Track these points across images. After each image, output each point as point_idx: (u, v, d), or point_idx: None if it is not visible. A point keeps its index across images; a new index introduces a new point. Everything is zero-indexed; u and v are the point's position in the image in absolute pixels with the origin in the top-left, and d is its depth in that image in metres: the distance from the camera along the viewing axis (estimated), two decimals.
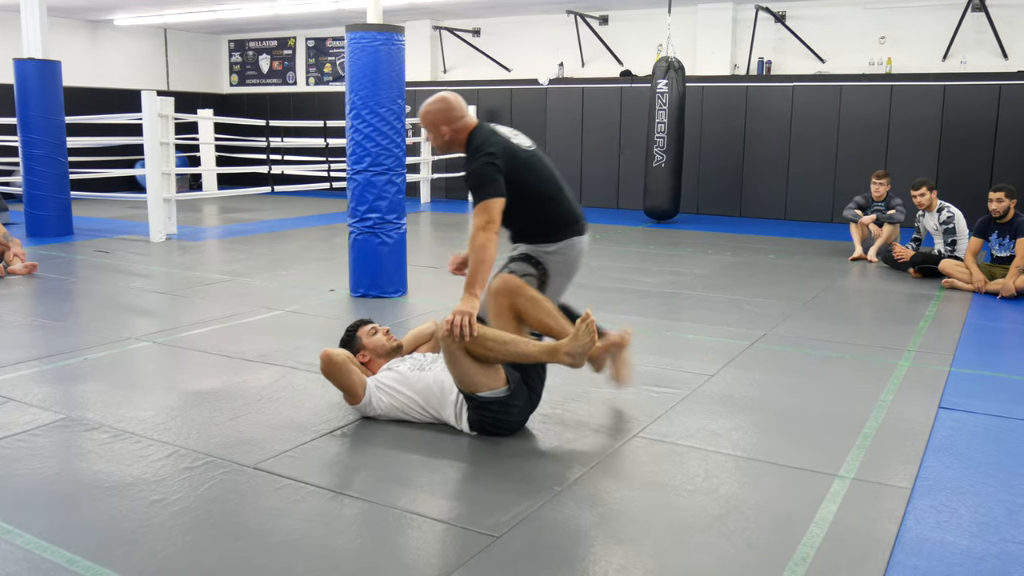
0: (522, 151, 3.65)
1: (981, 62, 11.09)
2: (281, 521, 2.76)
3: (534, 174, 3.64)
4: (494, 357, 3.41)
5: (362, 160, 6.18)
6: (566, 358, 3.40)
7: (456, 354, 3.38)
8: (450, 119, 3.67)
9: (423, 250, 8.94)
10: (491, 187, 3.49)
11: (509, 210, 3.56)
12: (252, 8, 13.42)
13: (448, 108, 3.68)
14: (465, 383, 3.44)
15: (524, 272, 3.65)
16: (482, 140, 3.60)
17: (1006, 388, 4.34)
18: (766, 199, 12.32)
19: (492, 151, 3.54)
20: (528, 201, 3.61)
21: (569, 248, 3.72)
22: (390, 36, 6.08)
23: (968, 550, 2.61)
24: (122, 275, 7.26)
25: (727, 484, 3.09)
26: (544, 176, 3.68)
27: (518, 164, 3.58)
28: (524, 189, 3.58)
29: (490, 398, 3.44)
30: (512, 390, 3.46)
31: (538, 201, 3.65)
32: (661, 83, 11.01)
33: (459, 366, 3.40)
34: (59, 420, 3.67)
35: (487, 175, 3.50)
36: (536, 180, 3.64)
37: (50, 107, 9.45)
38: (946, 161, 11.16)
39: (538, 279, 3.66)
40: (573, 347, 3.38)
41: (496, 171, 3.51)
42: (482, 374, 3.42)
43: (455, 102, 3.71)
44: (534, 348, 3.45)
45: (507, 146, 3.61)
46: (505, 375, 3.47)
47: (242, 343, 5.01)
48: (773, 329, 5.48)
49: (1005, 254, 6.94)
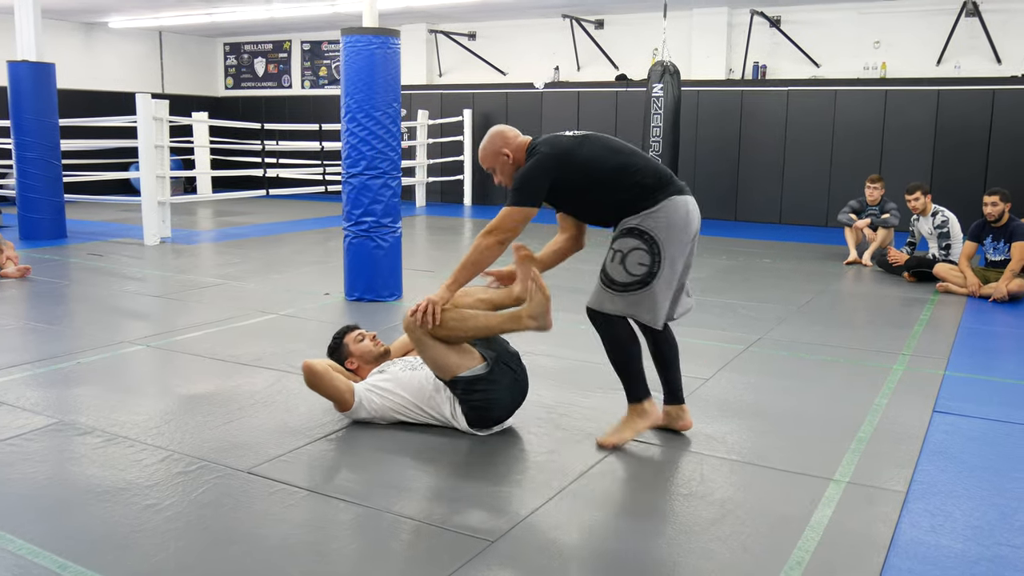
0: (577, 137, 3.40)
1: (975, 67, 11.13)
2: (275, 526, 2.75)
3: (601, 151, 3.36)
4: (458, 335, 3.43)
5: (357, 163, 6.18)
6: (530, 322, 3.40)
7: (423, 340, 3.41)
8: (507, 141, 3.47)
9: (418, 254, 8.93)
10: (520, 194, 3.29)
11: (587, 200, 3.39)
12: (247, 11, 13.40)
13: (501, 133, 3.50)
14: (441, 368, 3.46)
15: (631, 247, 3.26)
16: (537, 142, 3.43)
17: (1000, 392, 4.34)
18: (761, 203, 12.34)
19: (544, 150, 3.35)
20: (604, 180, 3.32)
21: (670, 208, 3.28)
22: (386, 40, 6.07)
23: (962, 554, 2.61)
24: (116, 278, 7.24)
25: (722, 488, 3.09)
26: (613, 149, 3.38)
27: (577, 152, 3.34)
28: (596, 170, 3.32)
29: (471, 377, 3.45)
30: (490, 366, 3.48)
31: (617, 175, 3.31)
32: (656, 87, 11.02)
33: (430, 352, 3.43)
34: (52, 424, 3.65)
35: (526, 179, 3.31)
36: (604, 155, 3.35)
37: (44, 109, 9.42)
38: (940, 165, 11.19)
39: (648, 251, 3.25)
40: (532, 309, 3.39)
41: (541, 175, 3.31)
42: (455, 355, 3.44)
43: (505, 128, 3.54)
44: (496, 319, 3.46)
45: (559, 142, 3.38)
46: (480, 353, 3.50)
47: (236, 347, 4.99)
48: (768, 333, 5.48)
49: (999, 258, 6.95)
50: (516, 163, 3.48)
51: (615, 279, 3.29)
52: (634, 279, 3.27)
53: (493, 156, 3.49)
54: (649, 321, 3.32)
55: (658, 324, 3.35)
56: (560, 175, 3.33)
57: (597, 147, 3.37)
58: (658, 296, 3.30)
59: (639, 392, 3.45)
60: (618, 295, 3.30)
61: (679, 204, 3.30)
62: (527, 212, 3.30)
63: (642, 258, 3.25)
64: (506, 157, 3.47)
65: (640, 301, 3.29)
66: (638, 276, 3.26)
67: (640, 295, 3.28)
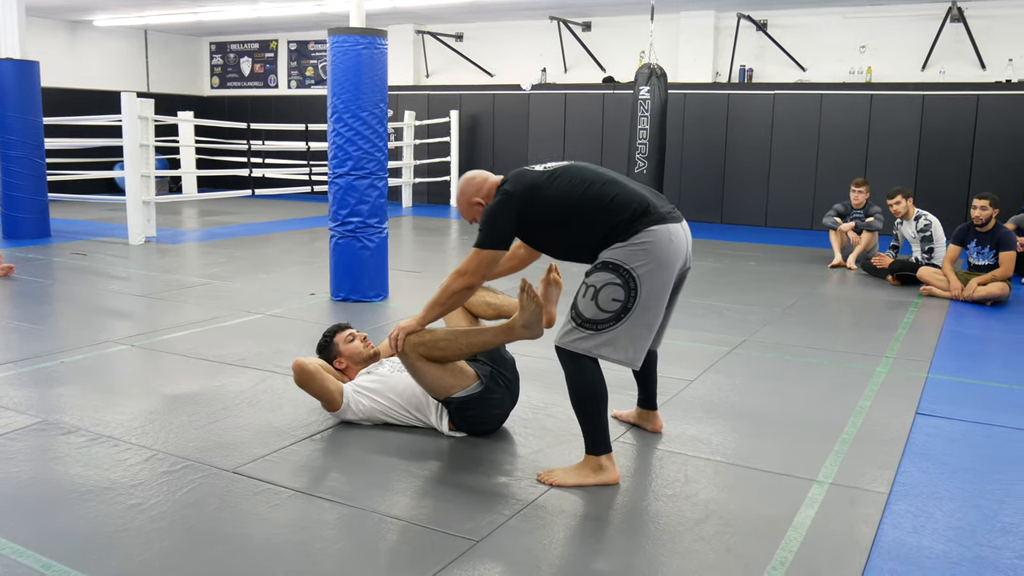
0: (547, 172, 3.19)
1: (959, 72, 11.22)
2: (260, 526, 2.74)
3: (569, 186, 3.13)
4: (452, 354, 3.40)
5: (344, 164, 6.17)
6: (524, 331, 3.35)
7: (416, 365, 3.38)
8: (478, 189, 3.32)
9: (404, 254, 8.92)
10: (486, 236, 3.13)
11: (561, 237, 3.21)
12: (234, 10, 13.35)
13: (470, 181, 3.35)
14: (437, 390, 3.45)
15: (604, 281, 3.03)
16: (504, 179, 3.25)
17: (982, 394, 4.38)
18: (747, 206, 12.39)
19: (508, 188, 3.16)
20: (577, 215, 3.11)
21: (649, 241, 3.04)
22: (372, 40, 6.07)
23: (944, 554, 2.63)
24: (100, 278, 7.21)
25: (706, 489, 3.10)
26: (585, 182, 3.14)
27: (546, 189, 3.14)
28: (567, 208, 3.11)
29: (466, 396, 3.45)
30: (485, 384, 3.48)
31: (589, 210, 3.09)
32: (643, 90, 11.05)
33: (424, 376, 3.41)
34: (35, 424, 3.63)
35: (490, 220, 3.15)
36: (573, 190, 3.12)
37: (28, 108, 9.36)
38: (925, 170, 11.27)
39: (623, 286, 3.01)
40: (525, 319, 3.33)
41: (505, 214, 3.13)
42: (449, 376, 3.43)
43: (476, 173, 3.39)
44: (489, 333, 3.42)
45: (526, 179, 3.18)
46: (474, 371, 3.48)
47: (221, 347, 4.98)
48: (753, 335, 5.50)
49: (983, 262, 7.00)
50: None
51: (586, 316, 3.05)
52: (606, 316, 3.03)
53: (468, 207, 3.37)
54: (623, 362, 3.09)
55: (635, 365, 3.13)
56: (526, 212, 3.14)
57: (567, 181, 3.14)
58: (634, 334, 3.06)
59: (599, 446, 3.15)
60: (589, 334, 3.05)
61: (660, 235, 3.05)
62: (495, 255, 3.15)
63: (616, 293, 3.02)
64: (480, 205, 3.31)
65: (614, 340, 3.04)
66: (611, 312, 3.02)
67: (613, 333, 3.03)
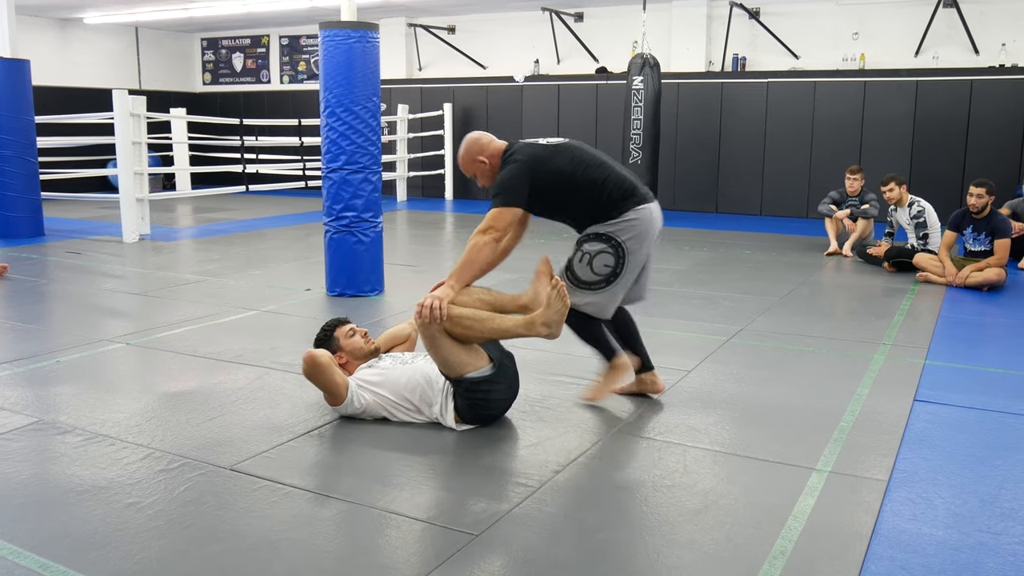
0: (550, 147, 3.66)
1: (953, 58, 11.21)
2: (259, 523, 2.73)
3: (569, 165, 3.62)
4: (473, 335, 3.44)
5: (337, 158, 6.15)
6: (543, 328, 3.42)
7: (436, 337, 3.39)
8: (483, 148, 3.71)
9: (400, 248, 8.91)
10: (506, 195, 3.53)
11: (557, 205, 3.67)
12: (224, 6, 13.30)
13: (476, 140, 3.74)
14: (450, 366, 3.45)
15: (598, 250, 3.63)
16: (512, 150, 3.67)
17: (979, 380, 4.38)
18: (742, 195, 12.39)
19: (519, 158, 3.59)
20: (574, 191, 3.62)
21: (636, 218, 3.63)
22: (364, 33, 6.04)
23: (944, 541, 2.63)
24: (95, 276, 7.18)
25: (706, 479, 3.10)
26: (583, 163, 3.64)
27: (548, 163, 3.61)
28: (564, 182, 3.61)
29: (477, 378, 3.46)
30: (496, 368, 3.50)
31: (588, 188, 3.62)
32: (637, 80, 11.03)
33: (441, 349, 3.41)
34: (31, 423, 3.62)
35: (507, 183, 3.55)
36: (573, 170, 3.62)
37: (19, 106, 9.32)
38: (919, 156, 11.27)
39: (614, 255, 3.62)
40: (548, 316, 3.40)
41: (519, 178, 3.55)
42: (465, 354, 3.45)
43: (480, 134, 3.79)
44: (511, 323, 3.47)
45: (532, 150, 3.63)
46: (487, 354, 3.51)
47: (217, 344, 4.96)
48: (750, 324, 5.50)
49: (979, 248, 7.01)
50: (493, 168, 3.71)
51: (581, 277, 3.67)
52: (598, 278, 3.65)
53: (472, 163, 3.74)
54: (599, 313, 3.71)
55: (606, 315, 3.74)
56: (533, 180, 3.58)
57: (567, 159, 3.63)
58: (614, 293, 3.70)
59: (609, 352, 3.83)
60: (581, 291, 3.66)
61: (643, 213, 3.65)
62: (515, 212, 3.56)
63: (608, 260, 3.63)
64: (483, 163, 3.71)
65: (597, 296, 3.68)
66: (602, 276, 3.65)
67: (599, 292, 3.67)
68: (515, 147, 3.68)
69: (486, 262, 3.54)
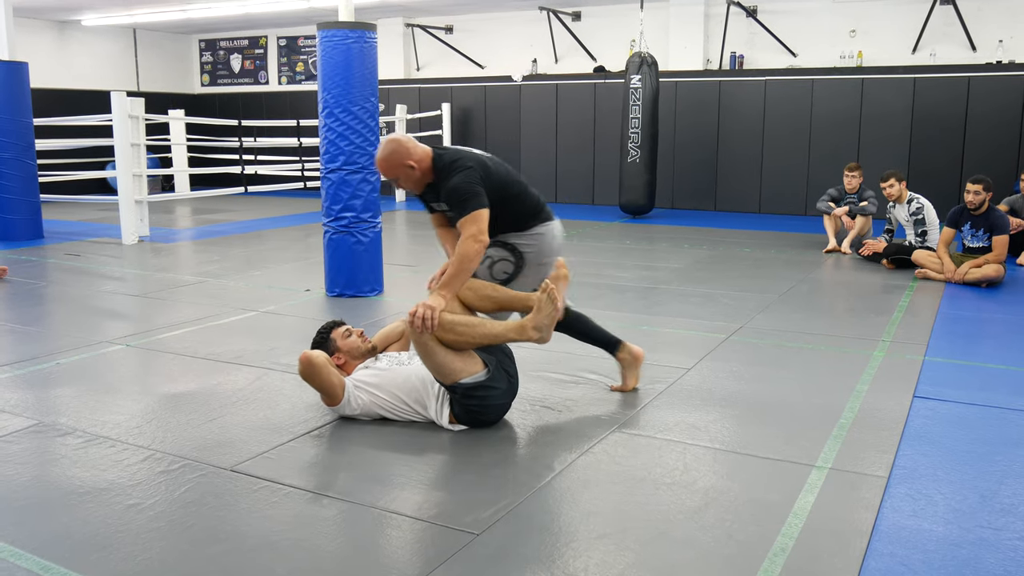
0: (485, 157, 3.74)
1: (950, 55, 11.21)
2: (259, 523, 2.74)
3: (503, 177, 3.71)
4: (465, 341, 3.45)
5: (336, 159, 6.15)
6: (534, 333, 3.48)
7: (429, 345, 3.39)
8: (410, 153, 3.62)
9: (399, 249, 8.91)
10: (478, 199, 3.53)
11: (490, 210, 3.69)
12: (222, 7, 13.29)
13: (402, 144, 3.64)
14: (444, 374, 3.45)
15: (500, 256, 3.74)
16: (453, 157, 3.64)
17: (978, 376, 4.38)
18: (740, 193, 12.39)
19: (470, 164, 3.60)
20: (502, 203, 3.66)
21: (541, 235, 3.78)
22: (362, 34, 6.04)
23: (944, 537, 2.64)
24: (94, 278, 7.18)
25: (706, 477, 3.10)
26: (510, 177, 3.77)
27: (491, 172, 3.66)
28: (499, 194, 3.65)
29: (472, 383, 3.46)
30: (491, 372, 3.50)
31: (509, 202, 3.70)
32: (634, 79, 11.03)
33: (434, 357, 3.42)
34: (32, 426, 3.62)
35: (471, 188, 3.54)
36: (504, 182, 3.70)
37: (18, 109, 9.31)
38: (917, 153, 11.27)
39: (514, 263, 3.75)
40: (538, 320, 3.46)
41: (478, 183, 3.56)
42: (459, 360, 3.45)
43: (403, 138, 3.70)
44: (501, 328, 3.52)
45: (478, 158, 3.68)
46: (481, 359, 3.50)
47: (217, 345, 4.96)
48: (749, 322, 5.51)
49: (977, 245, 7.02)
50: (423, 172, 3.66)
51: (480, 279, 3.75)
52: (498, 281, 3.75)
53: (398, 167, 3.65)
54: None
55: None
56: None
57: (503, 171, 3.75)
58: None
59: (608, 343, 4.05)
60: None
61: (549, 229, 3.82)
62: (487, 211, 3.56)
63: (506, 268, 3.75)
64: (412, 168, 3.63)
65: None
66: (499, 281, 3.75)
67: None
68: (457, 154, 3.66)
69: (476, 268, 3.59)
